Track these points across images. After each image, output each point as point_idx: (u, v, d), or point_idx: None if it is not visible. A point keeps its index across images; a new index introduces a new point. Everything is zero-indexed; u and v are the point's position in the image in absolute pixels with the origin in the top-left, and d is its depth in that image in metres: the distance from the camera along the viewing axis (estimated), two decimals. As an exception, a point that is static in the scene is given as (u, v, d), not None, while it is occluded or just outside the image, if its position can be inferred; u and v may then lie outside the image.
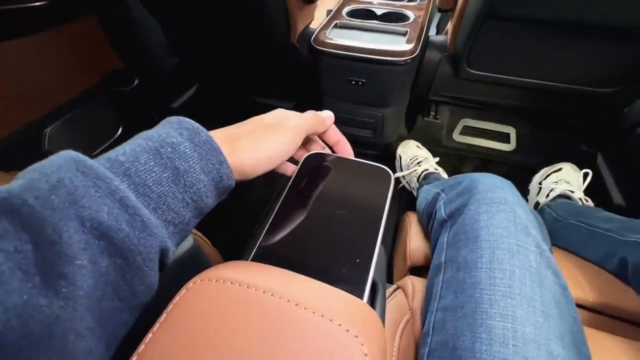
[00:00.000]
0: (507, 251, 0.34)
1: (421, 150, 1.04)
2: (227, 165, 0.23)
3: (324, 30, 0.86)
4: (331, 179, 0.31)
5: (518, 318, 0.30)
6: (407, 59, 0.78)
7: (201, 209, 0.23)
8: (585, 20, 0.64)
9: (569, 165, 0.92)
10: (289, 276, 0.23)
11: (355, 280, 0.24)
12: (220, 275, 0.21)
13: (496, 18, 0.70)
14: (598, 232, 0.55)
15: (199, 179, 0.22)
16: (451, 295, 0.34)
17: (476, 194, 0.41)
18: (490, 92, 0.99)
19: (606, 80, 0.80)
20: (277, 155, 0.27)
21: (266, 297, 0.19)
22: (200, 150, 0.22)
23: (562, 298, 0.33)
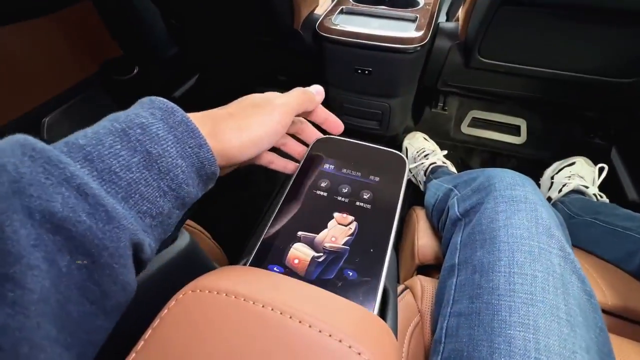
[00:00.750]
0: (528, 254, 0.31)
1: (428, 142, 1.01)
2: (207, 148, 0.21)
3: (329, 16, 0.82)
4: (341, 168, 0.29)
5: (540, 328, 0.27)
6: (417, 46, 0.74)
7: (182, 198, 0.21)
8: (605, 4, 0.60)
9: (583, 159, 0.89)
10: (291, 285, 0.20)
11: (365, 288, 0.22)
12: (214, 285, 0.18)
13: (512, 3, 0.66)
14: (617, 230, 0.52)
15: (175, 164, 0.19)
16: (466, 300, 0.32)
17: (493, 191, 0.38)
18: (502, 82, 0.95)
19: (625, 70, 0.76)
20: (265, 136, 0.24)
21: (266, 312, 0.17)
22: (176, 132, 0.20)
23: (587, 306, 0.30)
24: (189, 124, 0.20)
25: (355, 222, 0.25)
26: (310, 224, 0.26)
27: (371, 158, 0.30)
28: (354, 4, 0.86)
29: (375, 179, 0.28)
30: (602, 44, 0.71)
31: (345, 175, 0.29)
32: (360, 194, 0.27)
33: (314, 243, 0.25)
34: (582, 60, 0.77)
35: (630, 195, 0.89)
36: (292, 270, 0.24)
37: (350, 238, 0.25)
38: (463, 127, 1.15)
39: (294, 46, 0.90)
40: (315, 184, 0.28)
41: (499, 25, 0.73)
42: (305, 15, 0.87)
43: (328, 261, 0.24)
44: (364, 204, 0.27)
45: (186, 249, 0.29)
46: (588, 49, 0.74)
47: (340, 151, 0.31)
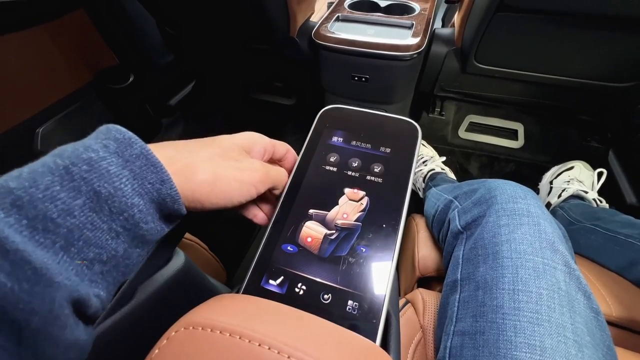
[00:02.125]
0: (533, 270, 0.30)
1: (427, 148, 1.00)
2: (170, 185, 0.19)
3: (325, 24, 0.81)
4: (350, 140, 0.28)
5: (547, 349, 0.26)
6: (413, 53, 0.74)
7: (141, 237, 0.19)
8: (602, 11, 0.60)
9: (581, 163, 0.88)
10: (290, 317, 0.19)
11: (368, 317, 0.21)
12: (208, 322, 0.17)
13: (507, 10, 0.66)
14: (619, 238, 0.52)
15: (131, 203, 0.18)
16: (469, 318, 0.31)
17: (495, 204, 0.37)
18: (499, 87, 0.95)
19: (621, 74, 0.76)
20: (237, 197, 0.23)
21: (262, 351, 0.16)
22: (133, 166, 0.18)
23: (594, 324, 0.29)
24: (150, 157, 0.18)
25: (366, 197, 0.25)
26: (321, 201, 0.25)
27: (381, 128, 0.29)
28: (349, 11, 0.86)
29: (387, 151, 0.27)
30: (597, 49, 0.71)
31: (354, 148, 0.28)
32: (371, 167, 0.27)
33: (326, 220, 0.25)
34: (578, 65, 0.77)
35: (629, 199, 0.89)
36: (305, 248, 0.24)
37: (362, 214, 0.24)
38: (461, 132, 1.15)
39: (290, 53, 0.89)
40: (324, 159, 0.28)
41: (494, 32, 0.73)
42: (301, 23, 0.86)
43: (341, 238, 0.24)
44: (375, 178, 0.26)
45: (181, 269, 0.28)
46: (583, 54, 0.74)
47: (348, 122, 0.29)
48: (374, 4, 0.89)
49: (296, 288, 0.23)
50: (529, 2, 0.63)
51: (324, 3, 1.15)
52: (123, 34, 1.00)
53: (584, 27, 0.66)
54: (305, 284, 0.23)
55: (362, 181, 0.26)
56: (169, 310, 0.21)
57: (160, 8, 0.91)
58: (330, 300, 0.22)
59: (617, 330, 0.42)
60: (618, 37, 0.66)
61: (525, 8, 0.65)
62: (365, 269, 0.22)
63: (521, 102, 1.01)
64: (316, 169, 0.27)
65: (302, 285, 0.23)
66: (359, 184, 0.26)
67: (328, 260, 0.23)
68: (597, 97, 0.88)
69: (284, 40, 0.85)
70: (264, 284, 0.23)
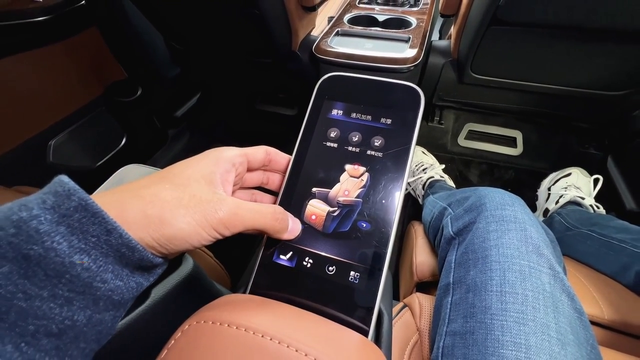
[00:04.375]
0: (519, 273, 0.32)
1: (427, 156, 1.02)
2: (119, 233, 0.17)
3: (325, 39, 0.85)
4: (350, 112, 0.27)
5: (532, 347, 0.28)
6: (410, 66, 0.77)
7: (108, 297, 0.17)
8: (593, 24, 0.62)
9: (579, 170, 0.90)
10: (289, 314, 0.22)
11: (360, 314, 0.23)
12: (218, 317, 0.20)
13: (500, 24, 0.68)
14: (612, 243, 0.53)
15: (70, 262, 0.15)
16: (460, 319, 0.33)
17: (484, 211, 0.39)
18: (496, 96, 0.97)
19: (616, 83, 0.77)
20: (194, 242, 0.20)
21: (265, 342, 0.18)
22: (70, 220, 0.16)
23: (578, 323, 0.31)
24: (89, 208, 0.16)
25: (367, 172, 0.26)
26: (323, 179, 0.26)
27: (382, 96, 0.27)
28: (349, 26, 0.89)
29: (387, 122, 0.27)
30: (590, 60, 0.73)
31: (354, 121, 0.27)
32: (371, 141, 0.26)
33: (328, 198, 0.26)
34: (572, 75, 0.79)
35: (629, 205, 0.90)
36: (310, 225, 0.25)
37: (363, 190, 0.25)
38: (460, 140, 1.17)
39: (292, 67, 0.93)
40: (324, 135, 0.27)
41: (489, 43, 0.75)
42: (303, 37, 0.90)
43: (343, 214, 0.25)
44: (375, 152, 0.26)
45: (190, 274, 0.29)
46: (576, 65, 0.75)
47: (348, 91, 0.28)
48: (372, 18, 0.92)
49: (304, 262, 0.24)
50: (520, 17, 0.65)
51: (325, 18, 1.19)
52: (132, 50, 1.05)
53: (575, 39, 0.68)
54: (312, 257, 0.24)
55: (362, 156, 0.26)
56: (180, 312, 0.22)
57: (168, 26, 0.95)
58: (334, 271, 0.24)
59: (610, 333, 0.44)
60: (609, 48, 0.68)
61: (517, 22, 0.67)
62: (366, 243, 0.24)
63: (519, 111, 1.03)
64: (317, 147, 0.27)
65: (309, 259, 0.24)
66: (359, 160, 0.26)
67: (332, 236, 0.25)
68: (593, 105, 0.89)
69: (286, 54, 0.89)
70: (276, 258, 0.25)
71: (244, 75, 1.15)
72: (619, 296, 0.46)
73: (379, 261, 0.24)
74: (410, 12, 0.94)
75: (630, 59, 0.70)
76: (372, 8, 0.98)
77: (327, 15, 1.12)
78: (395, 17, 0.92)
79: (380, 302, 0.25)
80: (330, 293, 0.24)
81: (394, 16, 0.92)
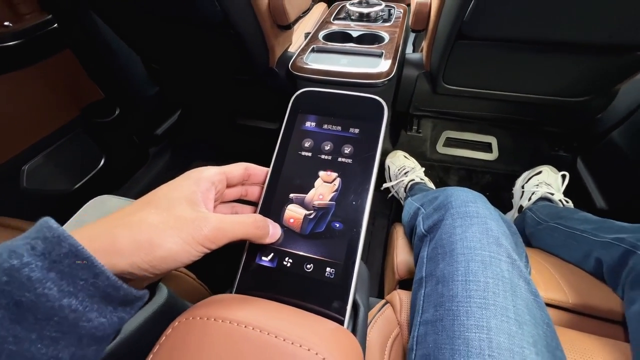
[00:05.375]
0: (481, 263, 0.37)
1: (408, 160, 1.09)
2: (106, 276, 0.19)
3: (301, 55, 0.90)
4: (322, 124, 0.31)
5: (493, 328, 0.32)
6: (384, 80, 0.83)
7: (91, 335, 0.19)
8: (550, 39, 0.68)
9: (548, 167, 0.98)
10: (270, 308, 0.25)
11: (336, 306, 0.26)
12: (205, 313, 0.23)
13: (466, 38, 0.74)
14: (576, 233, 0.59)
15: (59, 305, 0.17)
16: (431, 309, 0.37)
17: (451, 209, 0.44)
18: (469, 105, 1.04)
19: (577, 90, 0.85)
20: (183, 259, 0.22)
21: (248, 331, 0.21)
22: (60, 266, 0.17)
23: (534, 305, 0.36)
24: (79, 254, 0.18)
25: (338, 178, 0.29)
26: (300, 185, 0.29)
27: (351, 108, 0.31)
28: (324, 42, 0.96)
29: (355, 131, 0.30)
30: (555, 69, 0.79)
31: (326, 132, 0.31)
32: (342, 149, 0.30)
33: (305, 202, 0.29)
34: (536, 83, 0.87)
35: (599, 204, 0.97)
36: (289, 228, 0.29)
37: (335, 194, 0.29)
38: (439, 147, 1.24)
39: (270, 83, 0.98)
40: (299, 145, 0.31)
41: (458, 56, 0.82)
42: (280, 54, 0.95)
43: (318, 217, 0.29)
44: (346, 159, 0.30)
45: (164, 304, 0.30)
46: (541, 74, 0.82)
47: (319, 105, 0.32)
48: (347, 34, 0.99)
49: (284, 262, 0.28)
50: (483, 32, 0.72)
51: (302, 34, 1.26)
52: (108, 71, 1.07)
53: (536, 51, 0.74)
54: (291, 257, 0.28)
55: (334, 163, 0.30)
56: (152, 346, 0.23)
57: (143, 47, 0.99)
58: (312, 268, 0.27)
59: (573, 316, 0.49)
60: (568, 59, 0.74)
61: (481, 37, 0.74)
62: (339, 241, 0.27)
63: (492, 117, 1.10)
64: (293, 156, 0.31)
65: (289, 259, 0.28)
66: (331, 166, 0.29)
67: (309, 237, 0.28)
68: (560, 111, 0.98)
69: (264, 71, 0.94)
70: (258, 260, 0.28)
71: (224, 92, 1.19)
72: (581, 282, 0.52)
73: (351, 257, 0.27)
74: (383, 27, 1.02)
75: (587, 68, 0.77)
76: (347, 24, 1.05)
77: (304, 32, 1.19)
78: (368, 33, 0.99)
79: (357, 295, 0.29)
80: (309, 288, 0.27)
81: (368, 32, 0.99)
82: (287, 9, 0.77)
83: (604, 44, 0.66)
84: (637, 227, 0.50)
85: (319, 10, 1.46)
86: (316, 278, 0.27)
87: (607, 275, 0.50)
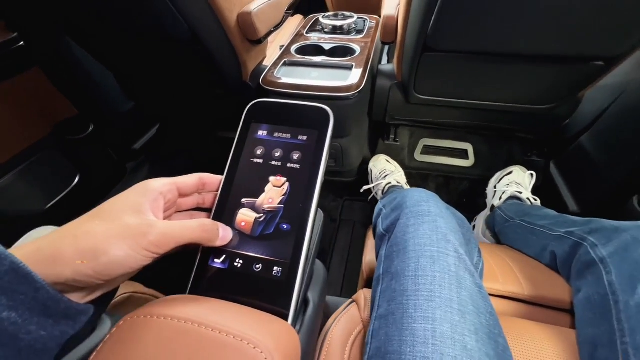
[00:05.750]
0: (430, 259, 0.40)
1: (390, 164, 1.15)
2: (46, 291, 0.21)
3: (272, 70, 0.94)
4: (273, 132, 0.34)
5: (437, 319, 0.35)
6: (354, 93, 0.87)
7: (31, 347, 0.20)
8: (507, 52, 0.72)
9: (519, 167, 1.06)
10: (214, 305, 0.28)
11: (281, 302, 0.29)
12: (149, 312, 0.25)
13: (432, 51, 0.78)
14: (535, 229, 0.65)
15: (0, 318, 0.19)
16: (385, 304, 0.40)
17: (405, 209, 0.48)
18: (443, 113, 1.09)
19: (542, 98, 0.90)
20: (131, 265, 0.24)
21: (187, 326, 0.24)
22: (1, 282, 0.19)
23: (478, 296, 0.39)
24: (20, 270, 0.20)
25: (287, 182, 0.32)
26: (251, 190, 0.32)
27: (300, 117, 0.34)
28: (295, 56, 1.00)
29: (304, 139, 0.33)
30: (519, 78, 0.83)
31: (277, 140, 0.34)
32: (291, 155, 0.33)
33: (256, 206, 0.31)
34: (506, 92, 0.91)
35: (571, 207, 1.01)
36: (241, 231, 0.31)
37: (284, 197, 0.31)
38: (417, 155, 1.29)
39: (245, 97, 1.02)
40: (251, 153, 0.33)
41: (426, 67, 0.85)
42: (253, 68, 1.00)
43: (268, 219, 0.31)
44: (294, 165, 0.32)
45: None
46: (508, 83, 0.86)
47: (271, 114, 0.35)
48: (319, 47, 1.04)
49: (235, 263, 0.30)
50: (446, 45, 0.76)
51: (277, 46, 1.31)
52: (80, 87, 1.09)
53: (499, 62, 0.78)
54: (242, 258, 0.30)
55: (283, 169, 0.32)
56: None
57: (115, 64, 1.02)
58: (260, 268, 0.30)
59: (529, 307, 0.53)
60: (530, 69, 0.78)
61: (445, 50, 0.77)
62: (287, 241, 0.30)
63: (466, 125, 1.16)
64: (246, 163, 0.33)
65: (239, 260, 0.30)
66: (281, 172, 0.32)
67: (258, 239, 0.30)
68: (528, 118, 1.03)
69: (237, 86, 0.98)
70: (211, 262, 0.30)
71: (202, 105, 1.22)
72: (538, 275, 0.56)
73: (297, 255, 0.29)
74: (355, 39, 1.07)
75: (549, 77, 0.81)
76: (320, 37, 1.10)
77: (280, 44, 1.23)
78: (340, 45, 1.04)
79: (309, 293, 0.32)
80: (258, 287, 0.29)
81: (340, 44, 1.04)
82: (256, 25, 0.81)
83: (560, 55, 0.71)
84: (586, 221, 0.55)
85: (295, 22, 1.52)
86: (264, 277, 0.29)
87: (561, 266, 0.54)
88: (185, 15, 0.70)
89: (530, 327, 0.45)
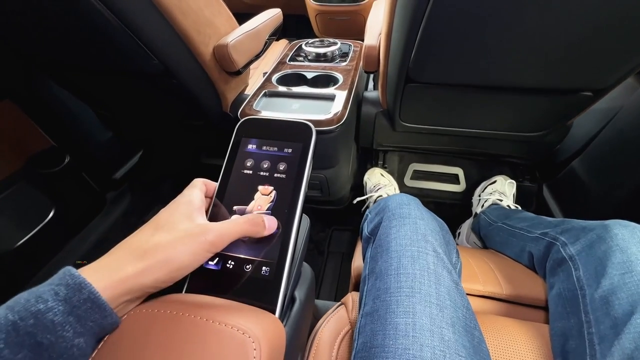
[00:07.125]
0: (410, 258, 0.48)
1: (384, 177, 1.25)
2: (112, 318, 0.26)
3: (251, 102, 0.97)
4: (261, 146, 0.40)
5: (417, 312, 0.41)
6: (337, 126, 0.91)
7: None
8: (490, 84, 0.77)
9: (502, 177, 1.19)
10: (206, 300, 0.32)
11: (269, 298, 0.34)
12: (149, 307, 0.30)
13: (415, 82, 0.82)
14: (515, 231, 0.76)
15: (71, 344, 0.23)
16: (370, 302, 0.47)
17: (388, 212, 0.57)
18: (430, 140, 1.19)
19: (530, 126, 0.97)
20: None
21: (179, 316, 0.29)
22: (79, 311, 0.23)
23: (455, 292, 0.46)
24: (96, 300, 0.24)
25: (274, 191, 0.37)
26: (242, 198, 0.38)
27: (285, 132, 0.40)
28: (276, 86, 1.04)
29: (289, 151, 0.39)
30: (505, 107, 0.89)
31: (265, 152, 0.39)
32: (277, 166, 0.38)
33: (246, 212, 0.37)
34: (492, 120, 0.98)
35: None
36: None
37: (272, 204, 0.37)
38: (406, 181, 1.37)
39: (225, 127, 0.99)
40: (242, 165, 0.39)
41: (410, 97, 0.90)
42: (234, 98, 1.06)
43: None
44: (280, 175, 0.38)
45: None
46: (493, 112, 0.93)
47: (259, 129, 0.41)
48: (301, 76, 1.09)
49: (227, 264, 0.35)
50: (428, 78, 0.79)
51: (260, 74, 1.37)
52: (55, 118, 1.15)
53: (484, 93, 0.82)
54: (233, 260, 0.35)
55: (271, 178, 0.38)
56: None
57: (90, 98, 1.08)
58: (250, 268, 0.35)
59: (507, 305, 0.62)
60: (519, 99, 0.83)
61: (426, 82, 0.81)
62: (274, 243, 0.35)
63: (454, 151, 1.24)
64: (237, 174, 0.39)
65: (231, 262, 0.35)
66: (269, 181, 0.38)
67: (248, 242, 0.35)
68: (518, 144, 1.12)
69: (217, 116, 1.03)
70: (206, 265, 0.35)
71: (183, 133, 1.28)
72: (516, 274, 0.65)
73: (283, 256, 0.35)
74: (338, 67, 1.13)
75: (535, 107, 0.86)
76: (303, 65, 1.16)
77: (263, 70, 1.28)
78: (323, 74, 1.10)
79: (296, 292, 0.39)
80: (247, 285, 0.34)
81: (322, 73, 1.10)
82: (233, 57, 0.86)
83: (543, 88, 0.75)
84: (559, 222, 0.65)
85: (280, 47, 1.60)
86: (254, 276, 0.34)
87: (537, 266, 0.65)
88: (155, 51, 0.75)
89: (508, 323, 0.53)
